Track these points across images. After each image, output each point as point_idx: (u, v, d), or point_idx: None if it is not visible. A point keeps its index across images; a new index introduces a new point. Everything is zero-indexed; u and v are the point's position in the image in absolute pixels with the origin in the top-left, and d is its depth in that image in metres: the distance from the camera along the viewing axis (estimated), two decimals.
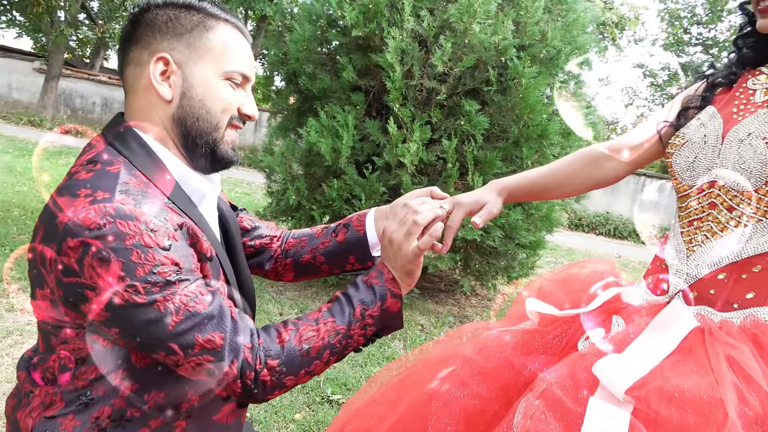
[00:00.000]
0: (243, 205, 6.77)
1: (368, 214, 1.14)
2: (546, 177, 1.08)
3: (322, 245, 1.17)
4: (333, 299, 0.97)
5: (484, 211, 1.03)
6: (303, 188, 3.99)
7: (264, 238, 1.22)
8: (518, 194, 1.09)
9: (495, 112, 3.89)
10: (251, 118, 1.00)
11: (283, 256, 1.21)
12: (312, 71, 4.18)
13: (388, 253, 0.97)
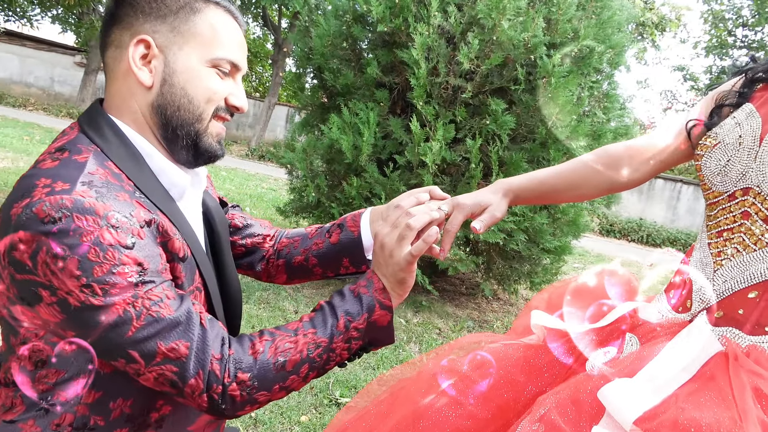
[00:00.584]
0: (268, 202, 6.78)
1: (363, 214, 1.06)
2: (557, 178, 0.99)
3: (314, 246, 1.10)
4: (317, 308, 0.89)
5: (486, 215, 0.94)
6: (323, 185, 3.94)
7: (256, 237, 1.15)
8: (525, 196, 0.99)
9: (522, 112, 3.76)
10: (239, 110, 0.93)
11: (276, 256, 1.14)
12: (336, 67, 4.12)
13: (379, 259, 0.89)
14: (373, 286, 0.88)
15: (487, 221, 0.94)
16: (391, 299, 0.88)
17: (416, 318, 3.88)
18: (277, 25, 16.01)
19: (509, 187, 0.99)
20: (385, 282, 0.88)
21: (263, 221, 1.20)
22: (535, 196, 1.01)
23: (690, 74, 18.66)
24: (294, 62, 4.57)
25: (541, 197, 1.02)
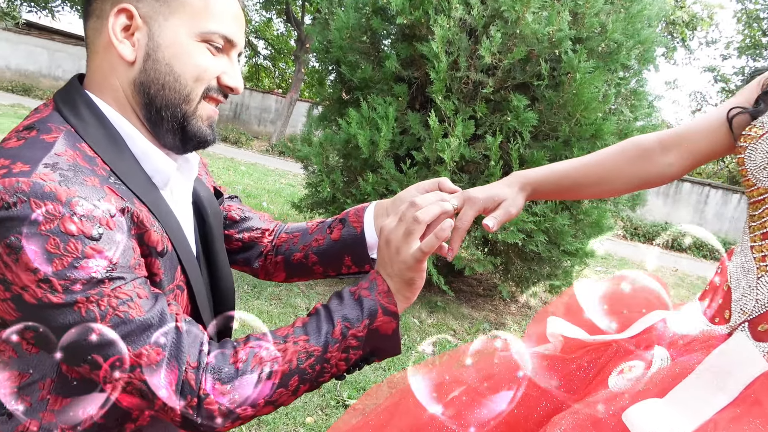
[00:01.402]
0: (286, 197, 6.74)
1: (367, 209, 0.97)
2: (581, 171, 0.88)
3: (315, 243, 1.01)
4: (312, 312, 0.80)
5: (500, 211, 0.84)
6: (339, 181, 3.87)
7: (254, 231, 1.07)
8: (544, 190, 0.89)
9: (545, 109, 3.63)
10: (234, 91, 0.84)
11: (274, 252, 1.06)
12: (355, 60, 4.04)
13: (383, 257, 0.80)
14: (376, 288, 0.78)
15: (501, 218, 0.84)
16: (396, 303, 0.78)
17: (430, 319, 3.79)
18: (300, 20, 16.02)
19: (526, 180, 0.88)
20: (391, 283, 0.79)
21: (263, 214, 1.11)
22: (555, 191, 0.90)
23: (721, 75, 18.15)
24: (313, 56, 4.50)
25: (562, 192, 0.91)
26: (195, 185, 0.93)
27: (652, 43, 3.87)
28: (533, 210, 3.75)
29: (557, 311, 0.94)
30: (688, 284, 7.53)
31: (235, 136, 15.01)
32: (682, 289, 7.06)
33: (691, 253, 11.39)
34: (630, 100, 4.01)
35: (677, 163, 0.87)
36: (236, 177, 8.67)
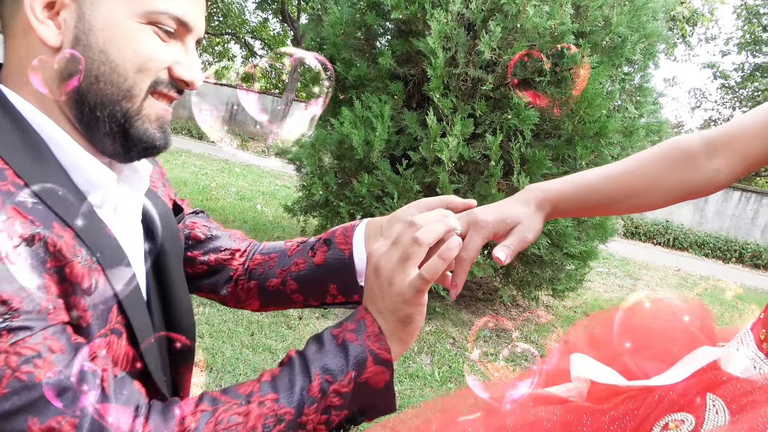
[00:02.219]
0: (281, 199, 6.54)
1: (357, 228, 0.81)
2: (612, 182, 0.72)
3: (294, 267, 0.84)
4: (284, 361, 0.64)
5: (513, 238, 0.68)
6: (332, 183, 3.71)
7: (222, 252, 0.89)
8: (568, 207, 0.73)
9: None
10: (190, 86, 0.68)
11: (246, 277, 0.89)
12: (349, 57, 3.89)
13: (373, 289, 0.64)
14: (364, 330, 0.62)
15: (515, 247, 0.68)
16: (389, 349, 0.62)
17: (428, 326, 3.63)
18: (296, 20, 15.86)
19: (545, 196, 0.71)
20: (383, 323, 0.63)
21: (234, 232, 0.94)
22: (580, 208, 0.73)
23: (720, 72, 18.04)
24: None
25: (589, 209, 0.74)
26: (146, 200, 0.76)
27: (658, 37, 3.72)
28: None
29: (579, 343, 0.79)
30: (692, 284, 7.39)
31: None
32: (685, 289, 6.91)
33: (692, 252, 11.25)
34: (635, 96, 3.86)
35: (726, 169, 0.71)
36: (231, 179, 8.51)
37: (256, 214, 6.36)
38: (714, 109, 23.58)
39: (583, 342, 0.79)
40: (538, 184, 0.73)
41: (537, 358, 0.70)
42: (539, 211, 0.71)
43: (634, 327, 0.76)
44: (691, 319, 0.75)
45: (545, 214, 0.71)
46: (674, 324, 0.74)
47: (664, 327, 0.74)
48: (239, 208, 6.42)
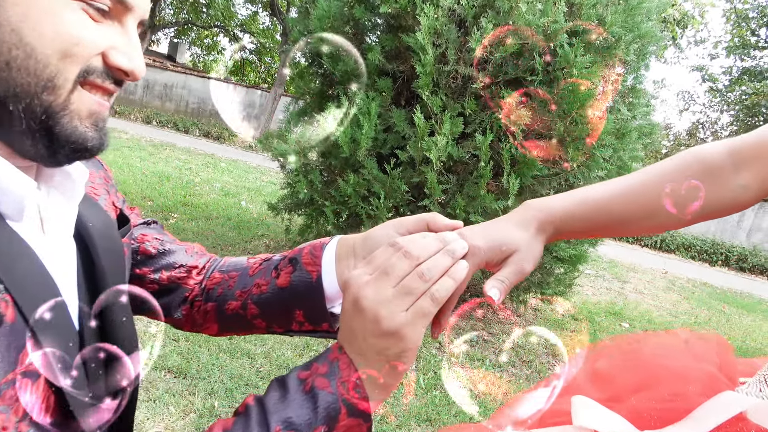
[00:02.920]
0: (266, 196, 6.39)
1: (327, 247, 0.69)
2: (623, 199, 0.61)
3: (256, 288, 0.72)
4: (239, 410, 0.54)
5: (508, 269, 0.57)
6: (317, 181, 3.60)
7: (176, 268, 0.78)
8: (572, 229, 0.62)
9: (539, 106, 3.39)
10: (130, 76, 0.55)
11: (204, 298, 0.77)
12: (336, 52, 3.77)
13: (351, 326, 0.53)
14: (338, 374, 0.51)
15: (510, 280, 0.57)
16: (369, 397, 0.51)
17: None
18: (286, 13, 15.68)
19: (547, 216, 0.60)
20: (363, 365, 0.52)
21: (192, 246, 0.82)
22: (587, 229, 0.62)
23: (709, 75, 18.13)
24: (291, 46, 4.21)
25: (597, 229, 0.63)
26: (82, 211, 0.64)
27: (652, 38, 3.65)
28: None
29: (579, 378, 0.69)
30: (679, 288, 7.37)
31: (217, 131, 14.63)
32: (673, 293, 6.90)
33: (679, 254, 11.28)
34: (628, 98, 3.78)
35: (754, 185, 0.60)
36: (215, 174, 8.35)
37: (240, 210, 6.22)
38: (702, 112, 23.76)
39: (584, 377, 0.70)
40: (538, 201, 0.62)
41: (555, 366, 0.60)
42: (540, 234, 0.61)
43: (643, 362, 0.66)
44: (709, 356, 0.65)
45: (547, 236, 0.61)
46: (689, 361, 0.65)
47: (678, 364, 0.64)
48: (223, 205, 6.28)
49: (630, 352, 0.70)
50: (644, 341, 0.70)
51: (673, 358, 0.66)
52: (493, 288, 0.55)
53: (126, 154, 8.26)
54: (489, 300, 0.55)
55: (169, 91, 17.94)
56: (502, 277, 0.57)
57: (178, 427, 2.04)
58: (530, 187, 3.52)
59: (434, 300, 0.50)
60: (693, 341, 0.67)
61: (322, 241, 0.70)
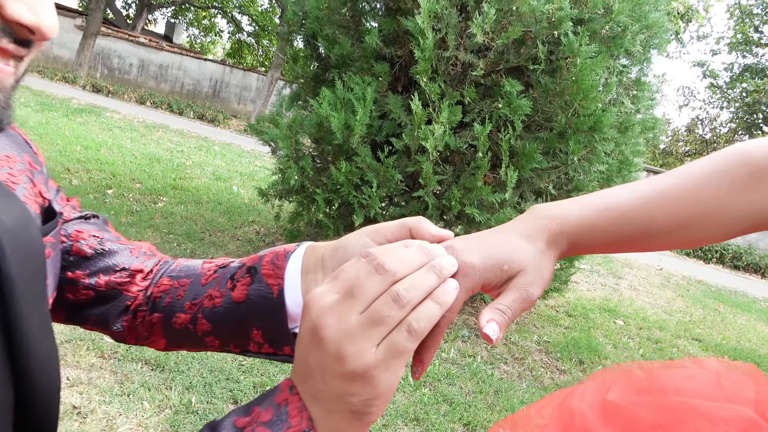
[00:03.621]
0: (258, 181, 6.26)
1: (292, 257, 0.56)
2: (651, 208, 0.49)
3: (208, 301, 0.60)
4: None
5: (512, 296, 0.45)
6: (308, 168, 3.47)
7: (117, 272, 0.65)
8: (591, 243, 0.49)
9: (540, 96, 3.27)
10: (36, 34, 0.43)
11: (149, 308, 0.65)
12: (332, 34, 3.63)
13: (307, 360, 0.41)
14: (285, 424, 0.40)
15: (514, 311, 0.45)
16: None
17: None
18: None
19: (561, 226, 0.48)
20: (318, 413, 0.41)
21: (140, 245, 0.69)
22: (611, 241, 0.50)
23: (710, 71, 18.00)
24: (285, 27, 4.07)
25: (621, 244, 0.50)
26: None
27: (659, 29, 3.52)
28: (522, 207, 3.41)
29: (587, 412, 0.59)
30: (674, 285, 7.31)
31: (212, 114, 14.42)
32: (668, 290, 6.84)
33: (674, 251, 11.22)
34: (632, 90, 3.67)
35: None
36: (208, 158, 8.19)
37: (231, 195, 6.09)
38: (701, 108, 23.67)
39: (592, 410, 0.59)
40: (548, 207, 0.50)
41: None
42: (551, 249, 0.48)
43: (665, 398, 0.56)
44: (744, 392, 0.55)
45: (559, 252, 0.49)
46: (721, 399, 0.54)
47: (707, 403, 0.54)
48: (214, 189, 6.15)
49: (649, 384, 0.59)
50: (667, 372, 0.59)
51: (701, 395, 0.56)
52: (491, 322, 0.43)
53: (117, 134, 8.09)
54: (485, 337, 0.43)
55: (164, 71, 17.68)
56: (503, 307, 0.44)
57: (152, 424, 1.93)
58: (528, 179, 3.41)
59: (412, 333, 0.38)
60: (725, 374, 0.57)
61: (287, 248, 0.58)
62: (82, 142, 6.71)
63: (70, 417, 1.87)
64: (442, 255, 0.43)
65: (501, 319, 0.44)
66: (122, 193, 5.07)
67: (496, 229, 0.49)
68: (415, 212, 3.42)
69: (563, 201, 0.50)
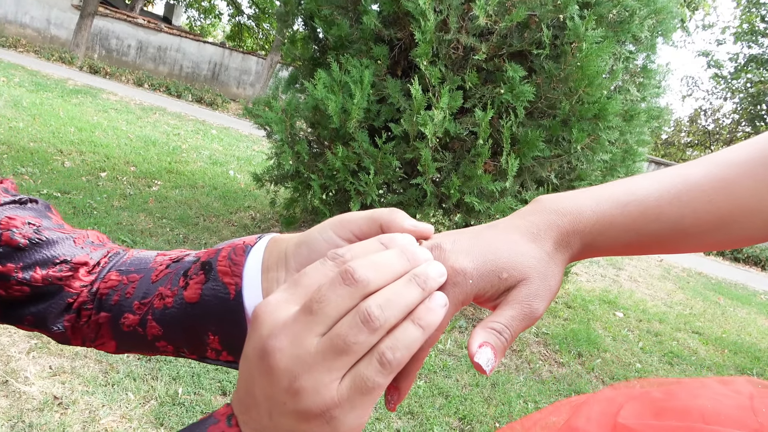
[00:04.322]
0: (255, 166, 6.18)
1: (251, 253, 0.48)
2: (682, 203, 0.40)
3: (158, 300, 0.52)
4: None
5: (512, 312, 0.36)
6: (304, 153, 3.38)
7: (57, 265, 0.55)
8: (610, 243, 0.40)
9: (544, 82, 3.17)
10: None
11: (95, 306, 0.56)
12: (329, 14, 3.52)
13: (252, 389, 0.32)
14: None
15: (514, 329, 0.36)
16: None
17: None
18: None
19: (574, 224, 0.39)
20: None
21: (85, 233, 0.59)
22: (634, 242, 0.41)
23: (714, 61, 17.80)
24: (283, 7, 3.95)
25: (647, 244, 0.41)
26: None
27: (668, 14, 3.41)
28: (522, 197, 3.33)
29: None
30: (674, 277, 7.26)
31: (210, 97, 14.26)
32: (668, 282, 6.78)
33: None
34: (638, 78, 3.56)
35: None
36: (205, 141, 8.08)
37: (227, 180, 6.00)
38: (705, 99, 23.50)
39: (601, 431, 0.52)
40: (557, 199, 0.40)
41: None
42: (560, 252, 0.39)
43: (688, 425, 0.48)
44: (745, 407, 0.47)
45: (571, 255, 0.40)
46: (754, 426, 0.47)
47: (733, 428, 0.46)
48: (210, 173, 6.05)
49: (668, 404, 0.51)
50: (689, 391, 0.51)
51: (731, 421, 0.48)
52: (485, 347, 0.35)
53: (112, 116, 7.97)
54: (477, 367, 0.35)
55: (162, 53, 17.47)
56: (499, 326, 0.36)
57: (136, 416, 1.87)
58: (530, 168, 3.32)
59: (385, 366, 0.30)
60: (760, 397, 0.49)
61: (247, 240, 0.49)
62: (76, 124, 6.60)
63: (50, 408, 1.80)
64: (428, 261, 0.35)
65: (497, 342, 0.35)
66: (116, 176, 4.98)
67: (493, 224, 0.40)
68: (414, 200, 3.33)
69: (574, 192, 0.41)
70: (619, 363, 3.58)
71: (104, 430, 1.77)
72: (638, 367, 3.59)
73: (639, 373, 3.50)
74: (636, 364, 3.65)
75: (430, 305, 0.32)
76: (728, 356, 4.29)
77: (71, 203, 3.92)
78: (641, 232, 0.40)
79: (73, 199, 4.01)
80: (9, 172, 4.24)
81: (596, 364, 3.44)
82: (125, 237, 3.53)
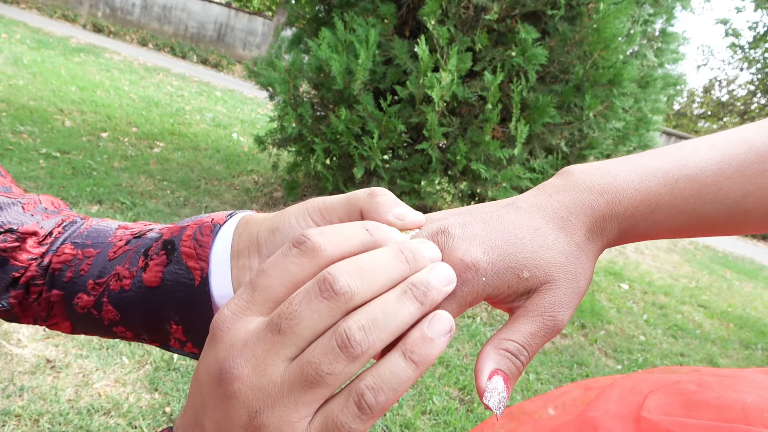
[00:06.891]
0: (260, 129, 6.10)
1: (220, 234, 0.40)
2: (744, 179, 0.31)
3: (115, 282, 0.44)
4: None
5: (531, 324, 0.28)
6: (307, 115, 3.28)
7: (1, 234, 0.47)
8: (651, 228, 0.32)
9: (557, 45, 3.03)
10: None
11: (47, 282, 0.48)
12: None
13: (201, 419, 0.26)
14: None
15: (533, 346, 0.28)
16: None
17: None
18: None
19: (612, 208, 0.30)
20: None
21: (36, 199, 0.51)
22: (681, 226, 0.32)
23: (732, 29, 17.28)
24: None
25: (699, 226, 0.32)
26: None
27: None
28: (531, 165, 3.23)
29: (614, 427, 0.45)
30: (681, 249, 7.18)
31: (215, 58, 14.02)
32: (674, 254, 6.71)
33: None
34: (656, 42, 3.41)
35: None
36: (208, 103, 7.95)
37: (231, 143, 5.91)
38: (720, 68, 22.95)
39: (624, 427, 0.45)
40: (591, 172, 0.32)
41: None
42: (593, 241, 0.31)
43: (728, 426, 0.41)
44: None
45: (603, 246, 0.32)
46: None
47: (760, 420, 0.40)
48: (213, 136, 5.96)
49: (702, 396, 0.44)
50: (726, 382, 0.45)
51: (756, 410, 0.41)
52: (496, 379, 0.27)
53: (115, 76, 7.83)
54: (486, 407, 0.28)
55: (168, 13, 17.09)
56: (515, 347, 0.28)
57: (130, 380, 1.84)
58: (540, 135, 3.21)
59: (364, 410, 0.24)
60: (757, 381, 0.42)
61: (216, 218, 0.41)
62: (78, 83, 6.48)
63: (42, 371, 1.77)
64: (434, 263, 0.27)
65: (511, 368, 0.28)
66: (117, 137, 4.89)
67: (512, 202, 0.32)
68: (419, 166, 3.25)
69: (611, 163, 0.33)
70: (622, 335, 3.54)
71: (97, 394, 1.74)
72: (642, 340, 3.55)
73: (642, 345, 3.46)
74: (640, 336, 3.61)
75: (429, 333, 0.25)
76: (733, 330, 4.25)
77: (70, 163, 3.86)
78: (692, 215, 0.32)
79: (73, 160, 3.94)
80: (8, 130, 4.17)
81: (600, 336, 3.40)
82: (124, 198, 3.47)
